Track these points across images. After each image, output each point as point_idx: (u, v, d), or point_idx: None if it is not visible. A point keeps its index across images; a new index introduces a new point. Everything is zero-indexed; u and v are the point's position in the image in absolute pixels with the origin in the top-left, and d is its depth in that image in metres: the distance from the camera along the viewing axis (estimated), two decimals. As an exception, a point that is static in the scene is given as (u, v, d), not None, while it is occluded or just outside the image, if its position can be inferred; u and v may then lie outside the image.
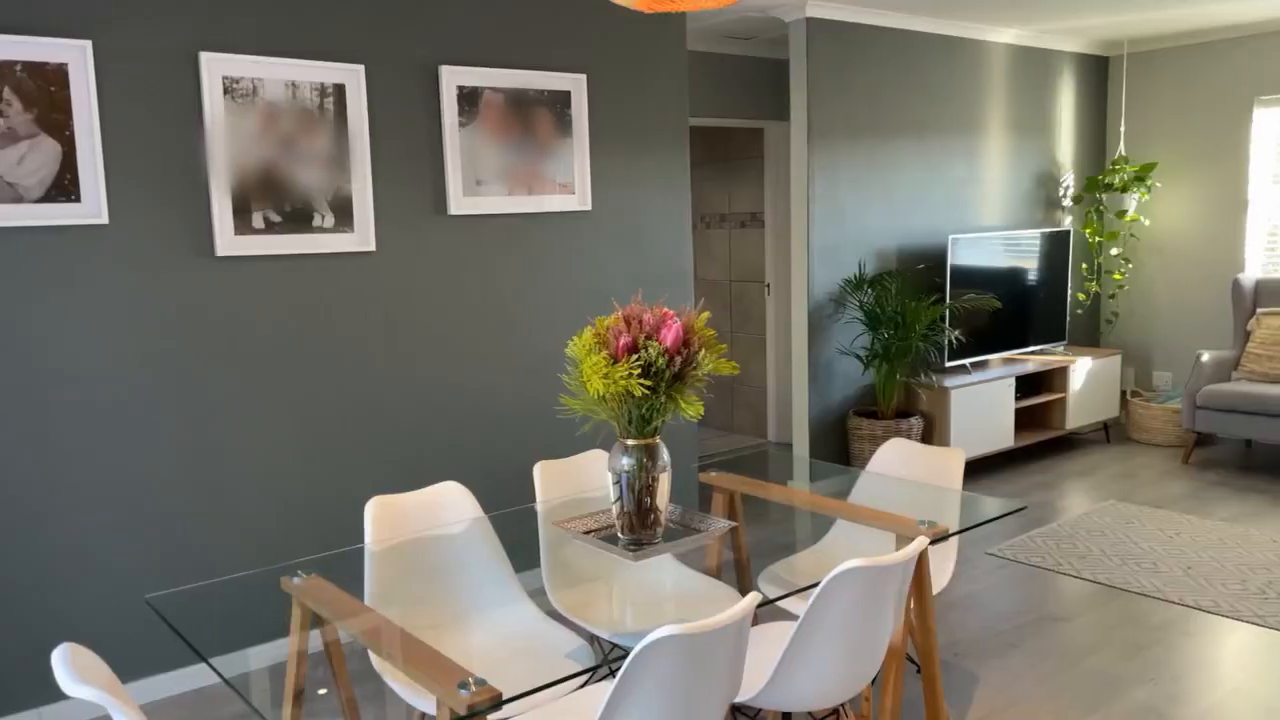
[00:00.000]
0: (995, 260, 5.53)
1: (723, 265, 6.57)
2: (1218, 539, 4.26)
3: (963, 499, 2.77)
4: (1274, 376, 5.37)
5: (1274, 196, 5.85)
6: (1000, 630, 3.45)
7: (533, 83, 3.75)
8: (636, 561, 2.23)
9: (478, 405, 3.75)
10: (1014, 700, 2.95)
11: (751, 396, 6.48)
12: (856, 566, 1.95)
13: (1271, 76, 5.74)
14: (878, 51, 5.18)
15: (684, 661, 1.69)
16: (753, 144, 6.20)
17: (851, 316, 5.25)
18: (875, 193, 5.27)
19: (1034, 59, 6.01)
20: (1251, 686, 2.99)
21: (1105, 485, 5.16)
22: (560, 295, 3.94)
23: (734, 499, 2.84)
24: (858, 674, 2.13)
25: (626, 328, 2.10)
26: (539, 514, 2.71)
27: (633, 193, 4.10)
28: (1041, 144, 6.14)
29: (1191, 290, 6.21)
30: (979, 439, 5.31)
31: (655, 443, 2.21)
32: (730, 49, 5.58)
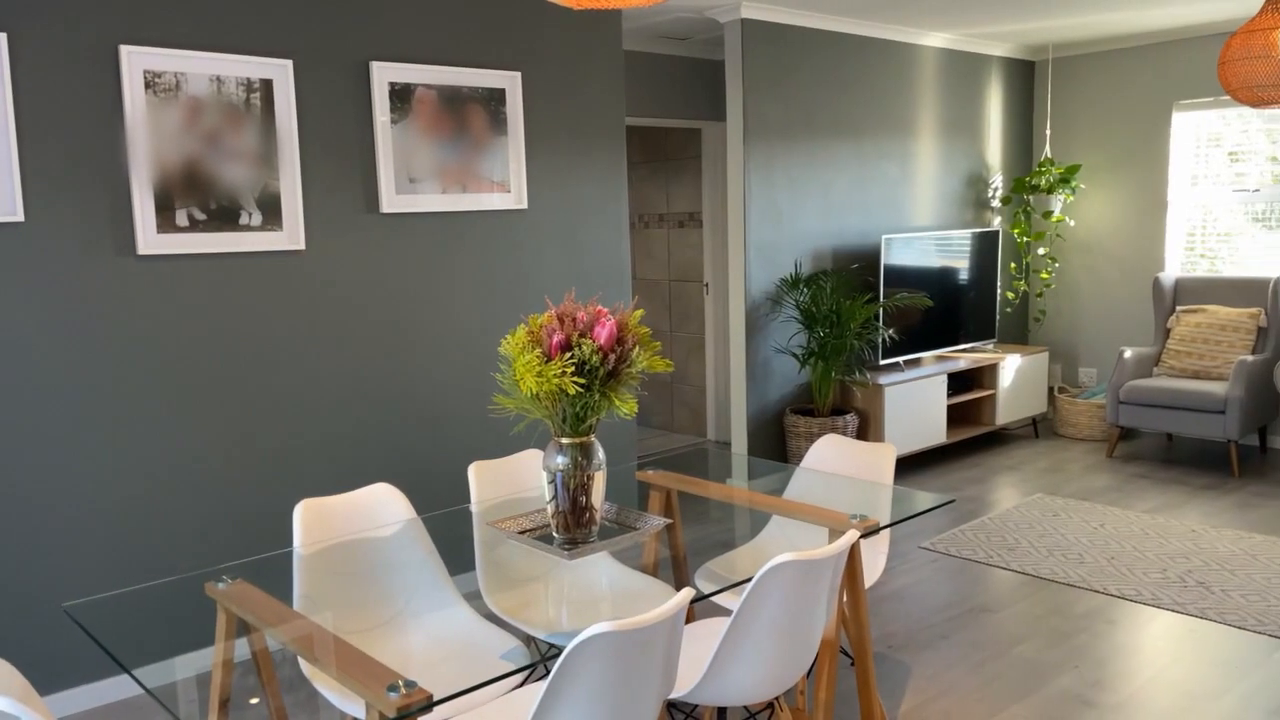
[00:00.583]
0: (927, 260, 5.63)
1: (661, 265, 6.59)
2: (1139, 530, 4.39)
3: (894, 493, 2.81)
4: (1192, 372, 5.56)
5: (1192, 198, 6.06)
6: (932, 622, 3.51)
7: (467, 80, 3.72)
8: (571, 560, 2.22)
9: (411, 406, 3.70)
10: (945, 690, 3.01)
11: (691, 396, 6.51)
12: (788, 560, 1.97)
13: (1190, 81, 5.95)
14: (812, 53, 5.24)
15: (617, 659, 1.69)
16: (690, 144, 6.23)
17: (788, 315, 5.30)
18: (811, 193, 5.34)
19: (964, 62, 6.14)
20: (1172, 672, 3.09)
21: (1033, 479, 5.29)
22: (496, 294, 3.91)
23: (670, 497, 2.84)
24: (792, 667, 2.15)
25: (560, 326, 2.09)
26: (474, 515, 2.69)
27: (569, 191, 4.09)
28: (971, 146, 6.28)
29: (1115, 289, 6.41)
30: (912, 435, 5.40)
31: (590, 441, 2.21)
32: (667, 49, 5.60)
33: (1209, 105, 5.91)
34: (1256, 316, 5.47)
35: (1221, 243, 5.97)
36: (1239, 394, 5.12)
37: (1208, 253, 6.05)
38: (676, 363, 6.57)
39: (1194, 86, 5.93)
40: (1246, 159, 5.82)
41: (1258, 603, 3.56)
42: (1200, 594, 3.66)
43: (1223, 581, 3.77)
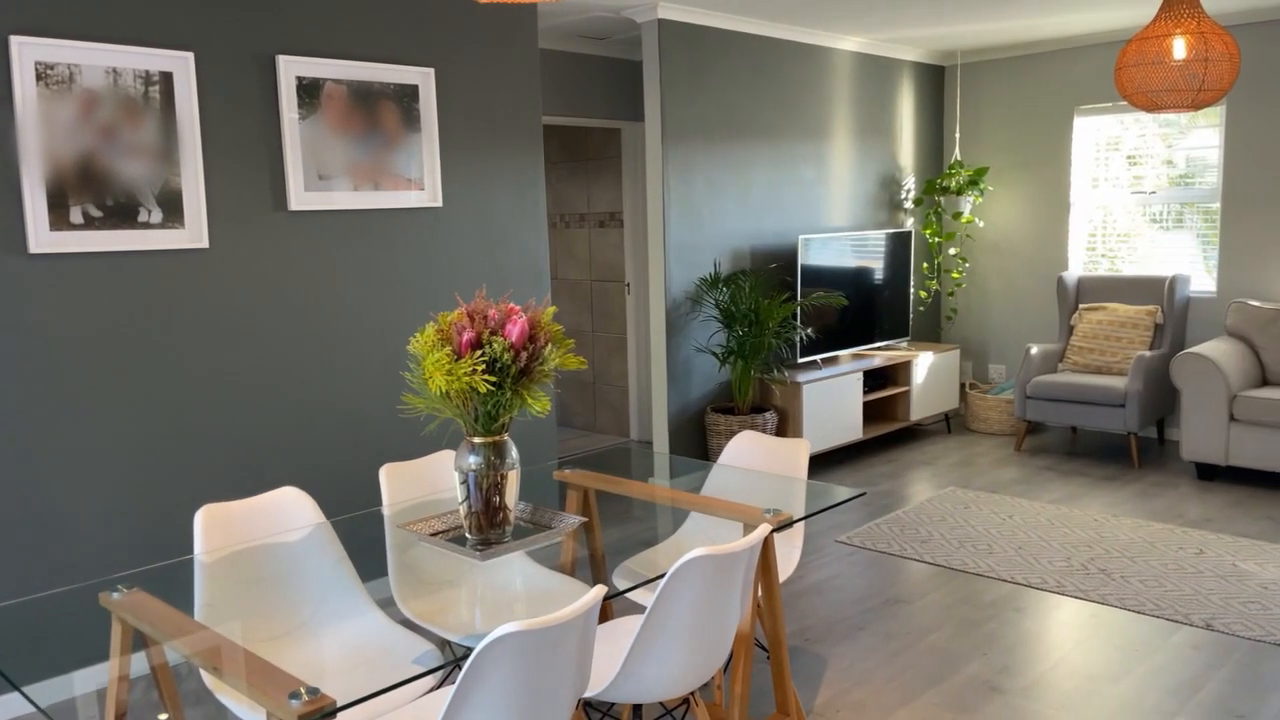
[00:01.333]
0: (843, 260, 5.73)
1: (583, 265, 6.57)
2: (1046, 520, 4.54)
3: (808, 488, 2.85)
4: (1094, 367, 5.77)
5: (1093, 200, 6.29)
6: (848, 614, 3.57)
7: (378, 75, 3.65)
8: (484, 561, 2.20)
9: (321, 408, 3.62)
10: (859, 680, 3.06)
11: (613, 396, 6.51)
12: (701, 556, 1.98)
13: (1090, 87, 6.17)
14: (729, 55, 5.29)
15: (527, 659, 1.67)
16: (610, 144, 6.23)
17: (708, 315, 5.34)
18: (729, 193, 5.38)
19: (877, 67, 6.27)
20: (1076, 656, 3.20)
21: (946, 473, 5.43)
22: (411, 293, 3.84)
23: (588, 496, 2.83)
24: (707, 662, 2.16)
25: (470, 323, 2.07)
26: (385, 518, 2.64)
27: (486, 190, 4.05)
28: (884, 148, 6.41)
29: (1022, 287, 6.61)
30: (830, 432, 5.49)
31: (503, 440, 2.18)
32: (585, 49, 5.59)
33: (1108, 110, 6.15)
34: (1154, 314, 5.70)
35: (1121, 243, 6.21)
36: (1138, 388, 5.33)
37: (1108, 253, 6.28)
38: (598, 363, 6.57)
39: (1094, 92, 6.16)
40: (1144, 162, 6.07)
41: (1155, 588, 3.71)
42: (1102, 580, 3.79)
43: (1123, 568, 3.91)
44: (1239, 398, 4.92)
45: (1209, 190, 5.81)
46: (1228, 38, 4.02)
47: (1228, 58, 4.03)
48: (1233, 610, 3.48)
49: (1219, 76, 4.06)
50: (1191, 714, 2.81)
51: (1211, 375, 4.97)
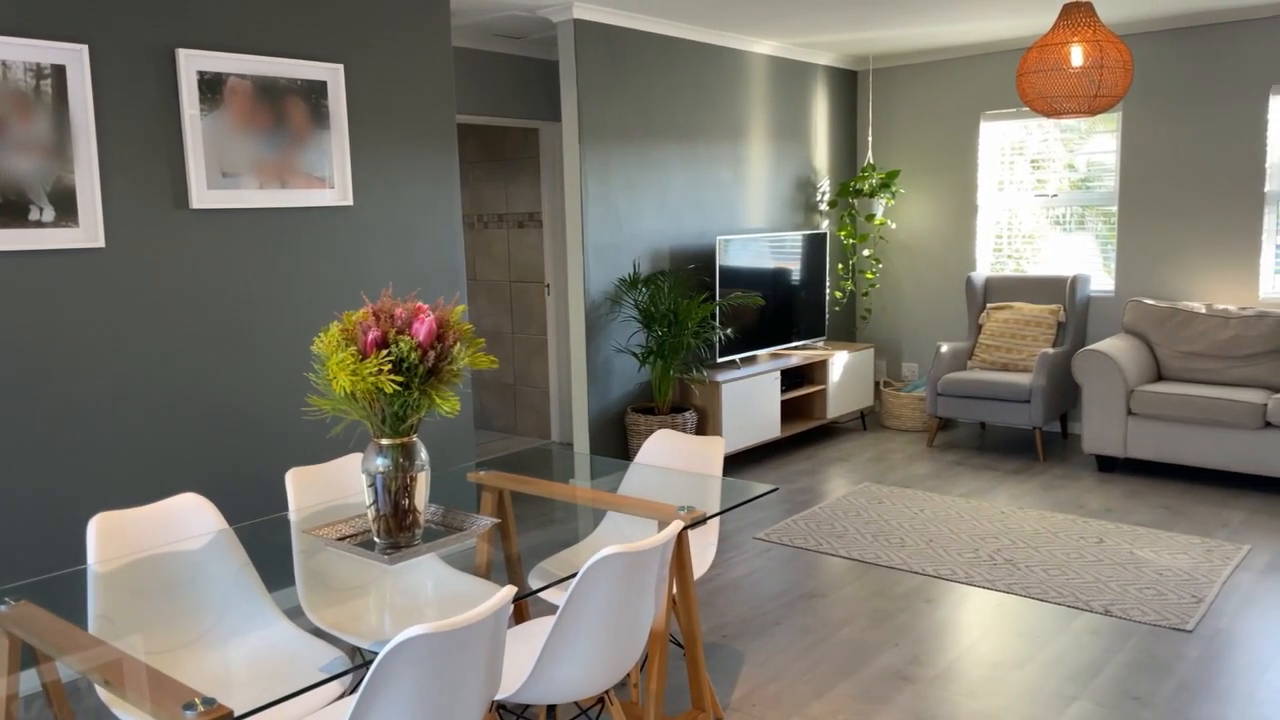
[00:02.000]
0: (761, 261, 5.80)
1: (502, 266, 6.52)
2: (955, 513, 4.66)
3: (723, 485, 2.87)
4: (1001, 364, 5.95)
5: (1000, 202, 6.49)
6: (765, 610, 3.61)
7: (284, 71, 3.56)
8: (392, 565, 2.16)
9: (226, 412, 3.51)
10: (775, 675, 3.10)
11: (534, 398, 6.47)
12: (613, 554, 1.98)
13: (995, 93, 6.37)
14: (646, 56, 5.31)
15: (435, 662, 1.65)
16: (529, 144, 6.20)
17: (627, 315, 5.35)
18: (648, 194, 5.40)
19: (791, 70, 6.36)
20: (983, 644, 3.29)
21: (861, 469, 5.53)
22: (321, 294, 3.76)
23: (503, 497, 2.81)
24: (620, 660, 2.16)
25: (376, 322, 2.03)
26: (292, 523, 2.57)
27: (399, 189, 3.98)
28: (800, 151, 6.51)
29: (933, 287, 6.79)
30: (749, 430, 5.55)
31: (411, 441, 2.15)
32: (502, 48, 5.54)
33: (1013, 116, 6.35)
34: (1056, 312, 5.91)
35: (1026, 244, 6.42)
36: (1042, 384, 5.52)
37: (1014, 254, 6.49)
38: (519, 365, 6.52)
39: (999, 98, 6.36)
40: (1046, 166, 6.28)
41: (1058, 576, 3.84)
42: (1008, 570, 3.91)
43: (1027, 558, 4.04)
44: (1136, 392, 5.13)
45: (1107, 193, 6.04)
46: (1122, 46, 4.19)
47: (1122, 65, 4.20)
48: (1130, 596, 3.63)
49: (1114, 83, 4.23)
50: (1091, 697, 2.92)
51: (1110, 371, 5.17)
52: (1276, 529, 4.36)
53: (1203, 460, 4.97)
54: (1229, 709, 2.82)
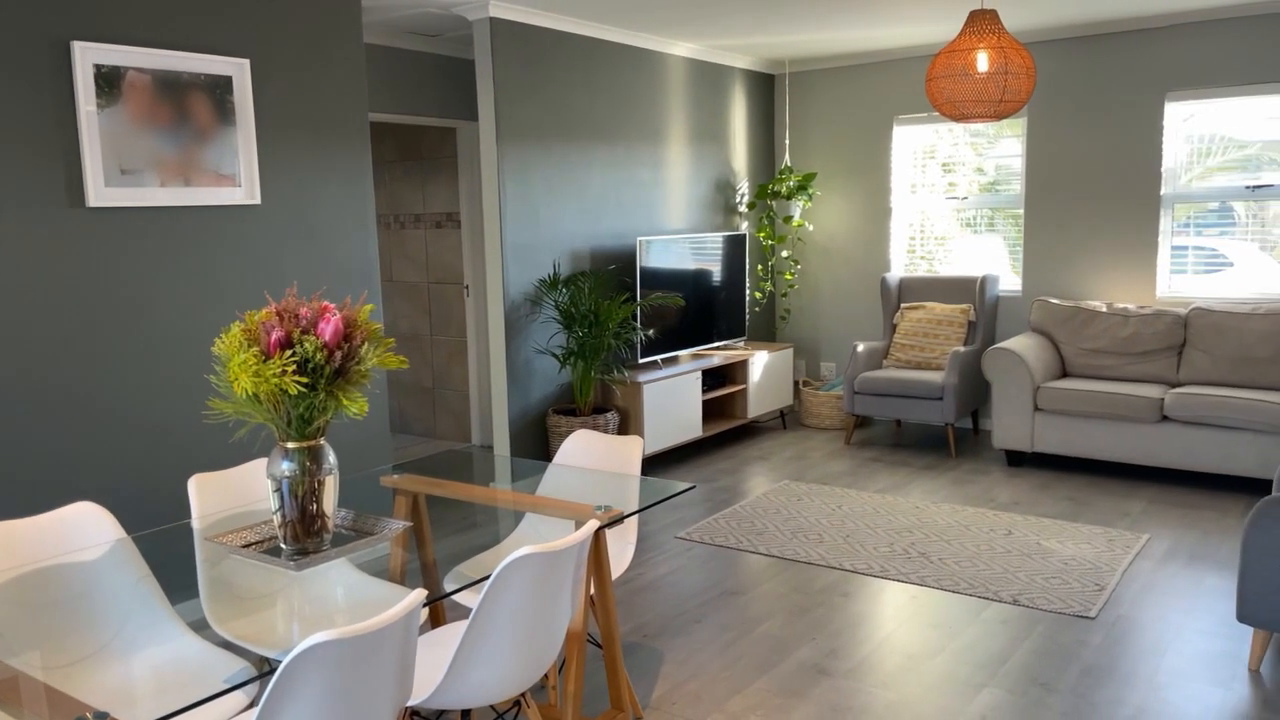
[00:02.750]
0: (681, 261, 5.83)
1: (420, 267, 6.43)
2: (872, 509, 4.75)
3: (641, 484, 2.87)
4: (915, 363, 6.09)
5: (912, 204, 6.64)
6: (685, 608, 3.62)
7: (187, 65, 3.45)
8: (299, 572, 2.10)
9: (124, 418, 3.38)
10: (695, 672, 3.11)
11: (454, 401, 6.39)
12: (526, 554, 1.96)
13: (907, 98, 6.52)
14: (564, 56, 5.29)
15: (341, 669, 1.61)
16: (446, 143, 6.12)
17: (547, 316, 5.32)
18: (567, 194, 5.38)
19: (709, 73, 6.41)
20: (897, 636, 3.36)
21: (781, 467, 5.60)
22: (227, 296, 3.65)
23: (418, 500, 2.76)
24: (536, 662, 2.14)
25: (280, 322, 1.97)
26: (195, 531, 2.49)
27: (309, 187, 3.89)
28: (719, 153, 6.57)
29: (850, 288, 6.91)
30: (671, 430, 5.57)
31: (319, 444, 2.10)
32: (418, 46, 5.46)
33: (924, 120, 6.51)
34: (967, 312, 6.07)
35: (938, 246, 6.59)
36: (954, 381, 5.66)
37: (926, 255, 6.65)
38: (438, 368, 6.43)
39: (911, 102, 6.51)
40: (957, 170, 6.46)
41: (969, 568, 3.94)
42: (921, 563, 4.00)
43: (940, 551, 4.14)
44: (1042, 389, 5.30)
45: (1015, 196, 6.24)
46: (1025, 52, 4.33)
47: (1025, 71, 4.34)
48: (1037, 585, 3.74)
49: (1018, 88, 4.36)
50: (999, 684, 3.00)
51: (1017, 369, 5.34)
52: (1174, 518, 4.55)
53: (1105, 453, 5.17)
54: (1129, 692, 2.93)
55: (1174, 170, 5.67)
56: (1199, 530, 4.36)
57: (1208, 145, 5.59)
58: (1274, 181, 5.39)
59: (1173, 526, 4.42)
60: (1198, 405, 4.87)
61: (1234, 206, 5.54)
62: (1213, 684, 2.96)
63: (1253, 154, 5.46)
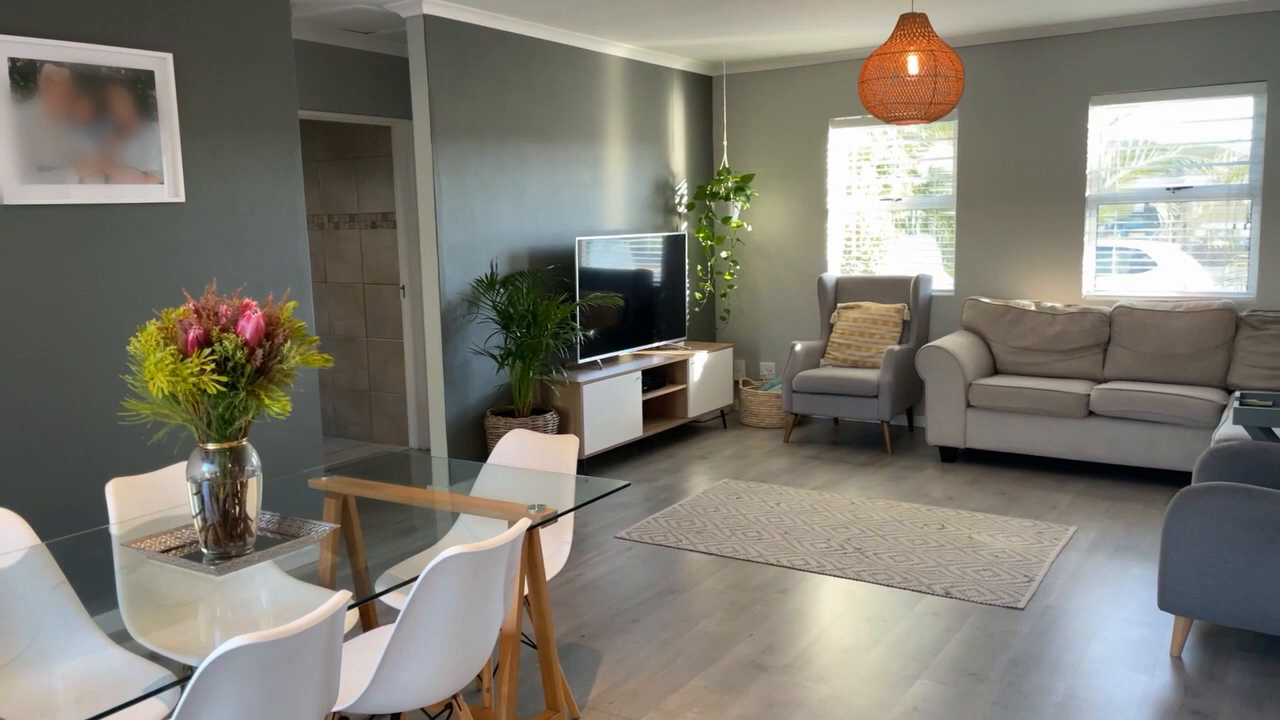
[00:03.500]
0: (621, 262, 5.83)
1: (354, 267, 6.33)
2: (810, 506, 4.80)
3: (576, 483, 2.86)
4: (852, 361, 6.17)
5: (848, 206, 6.73)
6: (624, 608, 3.62)
7: (107, 59, 3.35)
8: (221, 576, 2.05)
9: (41, 421, 3.27)
10: (633, 671, 3.11)
11: (390, 403, 6.30)
12: (456, 554, 1.93)
13: (842, 101, 6.60)
14: (500, 55, 5.25)
15: (261, 674, 1.57)
16: (381, 142, 6.04)
17: (485, 317, 5.28)
18: (504, 194, 5.34)
19: (648, 74, 6.43)
20: (833, 631, 3.39)
21: (721, 466, 5.63)
22: (150, 296, 3.55)
23: (348, 503, 2.71)
24: (468, 664, 2.11)
25: (198, 319, 1.92)
26: (113, 537, 2.41)
27: (237, 185, 3.80)
28: (658, 154, 6.58)
29: (788, 288, 6.98)
30: (611, 431, 5.56)
31: (241, 446, 2.04)
32: (351, 43, 5.38)
33: (859, 122, 6.60)
34: (901, 311, 6.17)
35: (873, 246, 6.68)
36: (889, 380, 5.75)
37: (862, 255, 6.74)
38: (373, 370, 6.34)
39: (845, 105, 6.60)
40: (891, 172, 6.56)
41: (902, 562, 4.00)
42: (857, 558, 4.05)
43: (875, 546, 4.20)
44: (974, 386, 5.41)
45: (947, 198, 6.35)
46: (954, 56, 4.41)
47: (954, 74, 4.42)
48: (968, 578, 3.81)
49: (948, 91, 4.45)
50: (931, 675, 3.04)
51: (950, 366, 5.44)
52: (1100, 510, 4.67)
53: (1035, 448, 5.29)
54: (1056, 679, 3.00)
55: (1098, 173, 5.83)
56: (1124, 522, 4.48)
57: (1132, 149, 5.76)
58: (1194, 184, 5.57)
59: (1099, 518, 4.54)
60: (1121, 401, 5.01)
61: (1158, 209, 5.71)
62: (1136, 670, 3.04)
63: (1174, 157, 5.64)
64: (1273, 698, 2.85)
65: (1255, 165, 5.38)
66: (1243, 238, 5.48)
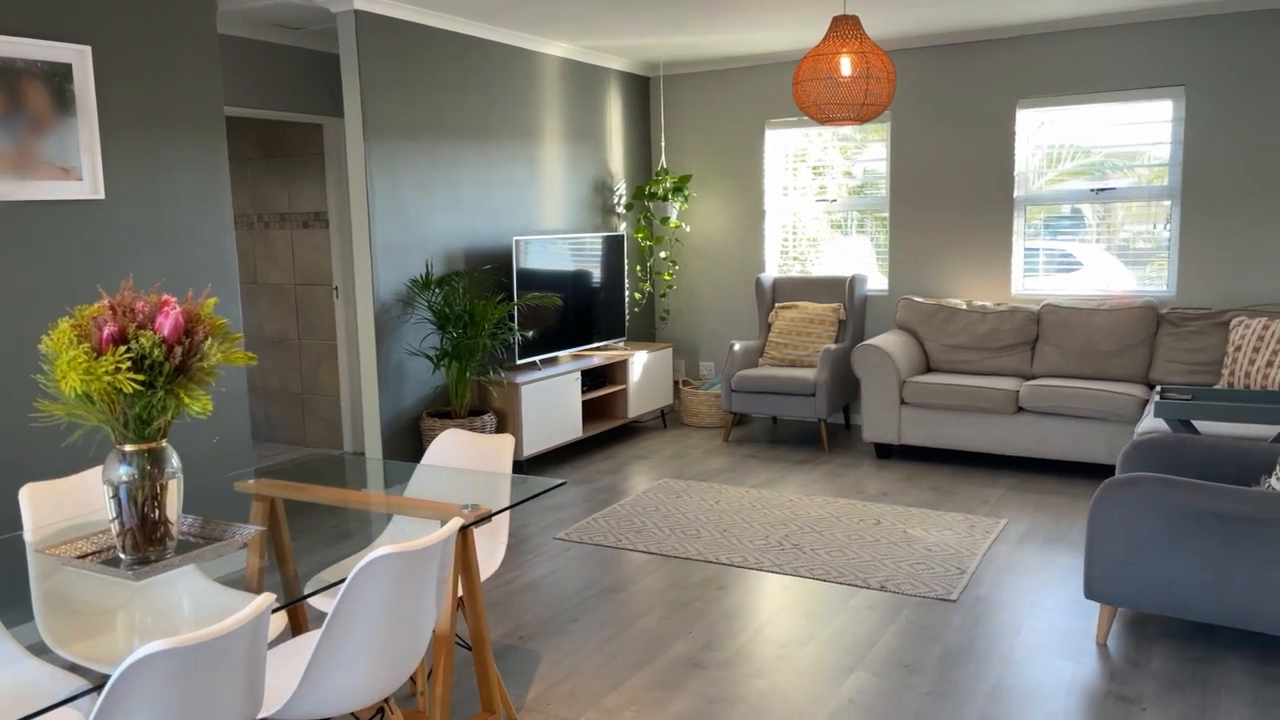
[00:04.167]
0: (559, 262, 5.80)
1: (286, 268, 6.20)
2: (748, 503, 4.82)
3: (513, 482, 2.83)
4: (789, 361, 6.22)
5: (785, 207, 6.79)
6: (563, 609, 3.59)
7: (20, 51, 3.23)
8: (139, 582, 1.98)
9: (-39, 429, 3.14)
10: (571, 672, 3.09)
11: (324, 407, 6.18)
12: (385, 554, 1.90)
13: (778, 102, 6.66)
14: (435, 52, 5.19)
15: (180, 680, 1.52)
16: (313, 140, 5.92)
17: (420, 317, 5.21)
18: (439, 193, 5.28)
19: (585, 74, 6.41)
20: (771, 626, 3.41)
21: (661, 466, 5.63)
22: (69, 295, 3.42)
23: (275, 505, 2.65)
24: (399, 667, 2.07)
25: (113, 316, 1.86)
26: (27, 544, 2.32)
27: (160, 183, 3.70)
28: (596, 154, 6.57)
29: (726, 288, 7.01)
30: (550, 432, 5.53)
31: (160, 447, 1.98)
32: (280, 38, 5.27)
33: (794, 124, 6.67)
34: (837, 310, 6.25)
35: (810, 247, 6.76)
36: (826, 378, 5.81)
37: (799, 256, 6.81)
38: (306, 373, 6.22)
39: (781, 107, 6.66)
40: (826, 173, 6.64)
41: (839, 557, 4.04)
42: (794, 554, 4.08)
43: (812, 542, 4.23)
44: (907, 383, 5.49)
45: (881, 199, 6.45)
46: (885, 58, 4.48)
47: (886, 76, 4.49)
48: (903, 572, 3.86)
49: (879, 92, 4.51)
50: (867, 668, 3.08)
51: (885, 364, 5.52)
52: (1029, 503, 4.78)
53: (967, 444, 5.39)
54: (987, 669, 3.05)
55: (1026, 174, 5.97)
56: (1052, 514, 4.59)
57: (1059, 152, 5.91)
58: (1117, 185, 5.74)
59: (1028, 511, 4.64)
60: (1049, 397, 5.13)
61: (1084, 211, 5.87)
62: (1064, 658, 3.11)
63: (1098, 160, 5.80)
64: (1193, 682, 2.94)
65: (1174, 167, 5.56)
66: (1163, 238, 5.66)
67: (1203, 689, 2.89)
